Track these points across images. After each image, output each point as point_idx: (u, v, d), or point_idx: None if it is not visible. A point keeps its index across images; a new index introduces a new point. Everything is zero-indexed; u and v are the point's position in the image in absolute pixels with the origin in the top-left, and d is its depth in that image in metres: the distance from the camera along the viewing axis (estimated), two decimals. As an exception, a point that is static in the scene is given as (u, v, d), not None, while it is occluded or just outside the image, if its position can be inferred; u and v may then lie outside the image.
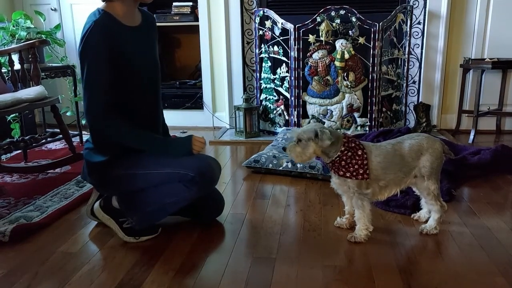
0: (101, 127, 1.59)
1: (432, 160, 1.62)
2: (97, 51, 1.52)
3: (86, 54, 1.52)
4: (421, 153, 1.63)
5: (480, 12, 3.25)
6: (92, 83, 1.54)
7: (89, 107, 1.55)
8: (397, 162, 1.62)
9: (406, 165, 1.63)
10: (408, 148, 1.63)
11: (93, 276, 1.45)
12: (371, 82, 3.08)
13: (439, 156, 1.65)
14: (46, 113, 2.99)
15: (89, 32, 1.51)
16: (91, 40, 1.51)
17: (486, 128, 3.43)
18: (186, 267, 1.50)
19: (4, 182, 2.39)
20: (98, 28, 1.51)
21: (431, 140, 1.66)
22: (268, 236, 1.73)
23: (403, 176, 1.65)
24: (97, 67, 1.53)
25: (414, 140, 1.65)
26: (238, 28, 3.48)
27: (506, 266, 1.47)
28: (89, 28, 1.51)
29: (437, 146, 1.65)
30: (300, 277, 1.42)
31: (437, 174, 1.66)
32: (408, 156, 1.63)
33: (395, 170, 1.62)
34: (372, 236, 1.69)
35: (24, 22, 3.18)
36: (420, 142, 1.64)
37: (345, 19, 3.05)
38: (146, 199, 1.66)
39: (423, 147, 1.63)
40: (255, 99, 3.51)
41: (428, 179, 1.64)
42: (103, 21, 1.54)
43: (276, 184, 2.31)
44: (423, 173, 1.64)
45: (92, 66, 1.52)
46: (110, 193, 1.76)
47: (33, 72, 2.53)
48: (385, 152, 1.62)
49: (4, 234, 1.68)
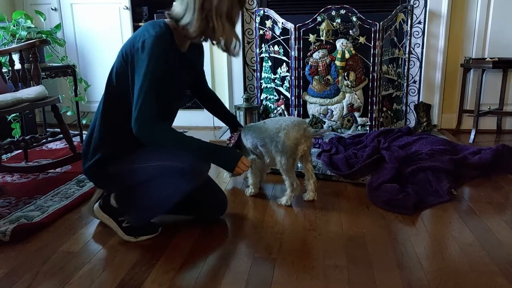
0: (149, 132, 1.54)
1: (284, 139, 1.92)
2: (162, 60, 1.51)
3: (150, 59, 1.49)
4: (278, 131, 1.95)
5: (481, 12, 3.25)
6: (151, 89, 1.50)
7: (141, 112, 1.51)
8: (263, 133, 2.00)
9: (269, 138, 1.97)
10: (273, 124, 1.99)
11: (94, 276, 1.45)
12: (372, 81, 3.08)
13: (291, 140, 1.92)
14: (47, 113, 2.99)
15: (157, 39, 1.50)
16: (158, 47, 1.50)
17: (487, 128, 3.43)
18: (187, 267, 1.50)
19: (5, 181, 2.39)
20: (166, 39, 1.53)
21: (291, 125, 1.94)
22: (269, 236, 1.73)
23: (273, 148, 1.98)
24: (158, 74, 1.51)
25: (280, 121, 1.98)
26: (238, 27, 3.48)
27: (506, 265, 1.47)
28: (157, 37, 1.50)
29: (293, 131, 1.93)
30: (300, 277, 1.42)
31: (288, 153, 1.93)
32: (270, 131, 1.97)
33: (261, 138, 2.01)
34: (373, 236, 1.69)
35: (25, 22, 3.18)
36: (281, 123, 1.96)
37: (345, 18, 3.05)
38: (140, 195, 1.66)
39: (281, 127, 1.95)
40: (256, 99, 3.51)
41: (278, 153, 1.96)
42: (168, 34, 1.55)
43: (277, 184, 2.31)
44: (278, 148, 1.95)
45: (153, 73, 1.50)
46: (107, 190, 1.77)
47: (33, 72, 2.53)
48: (256, 126, 2.06)
49: (4, 233, 1.68)
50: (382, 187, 2.10)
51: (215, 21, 1.53)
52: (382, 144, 2.59)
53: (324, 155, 2.54)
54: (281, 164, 1.96)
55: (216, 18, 1.53)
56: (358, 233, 1.73)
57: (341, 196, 2.14)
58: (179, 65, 1.65)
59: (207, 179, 1.89)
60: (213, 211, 1.87)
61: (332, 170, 2.39)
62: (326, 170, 2.41)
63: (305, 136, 1.95)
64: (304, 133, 1.94)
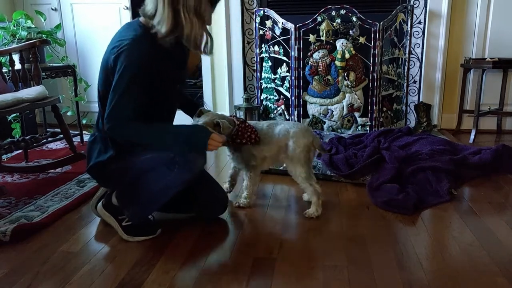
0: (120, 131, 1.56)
1: (294, 147, 1.85)
2: (138, 63, 1.51)
3: (126, 65, 1.50)
4: (287, 138, 1.87)
5: (481, 12, 3.25)
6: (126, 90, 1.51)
7: (113, 111, 1.52)
8: (268, 138, 1.88)
9: (274, 143, 1.88)
10: (278, 130, 1.89)
11: (94, 276, 1.45)
12: (372, 81, 3.08)
13: (302, 147, 1.85)
14: (47, 113, 2.99)
15: (132, 44, 1.51)
16: (133, 52, 1.50)
17: (487, 128, 3.43)
18: (187, 267, 1.50)
19: (5, 182, 2.39)
20: (140, 42, 1.53)
21: (300, 132, 1.87)
22: (269, 236, 1.73)
23: (275, 152, 1.90)
24: (136, 78, 1.51)
25: (286, 126, 1.90)
26: (238, 27, 3.48)
27: (507, 265, 1.47)
28: (133, 40, 1.51)
29: (302, 138, 1.86)
30: (300, 277, 1.42)
31: (302, 160, 1.86)
32: (276, 137, 1.88)
33: (266, 142, 1.89)
34: (373, 236, 1.69)
35: (25, 22, 3.18)
36: (288, 130, 1.88)
37: (345, 18, 3.05)
38: (138, 189, 1.66)
39: (289, 134, 1.87)
40: (256, 99, 3.51)
41: (292, 163, 1.88)
42: (144, 36, 1.55)
43: (277, 184, 2.31)
44: (288, 155, 1.87)
45: (131, 77, 1.50)
46: (109, 188, 1.78)
47: (33, 72, 2.53)
48: (260, 128, 1.90)
49: (5, 233, 1.68)
50: (382, 187, 2.11)
51: (183, 16, 1.53)
52: (382, 144, 2.59)
53: (324, 155, 2.54)
54: (298, 174, 1.88)
55: (184, 13, 1.53)
56: (358, 233, 1.73)
57: (341, 196, 2.14)
58: (167, 62, 1.63)
59: (207, 178, 1.90)
60: (213, 210, 1.87)
61: (332, 170, 2.39)
62: (326, 170, 2.41)
63: (314, 145, 1.89)
64: (313, 141, 1.88)
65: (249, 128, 1.86)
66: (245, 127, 1.85)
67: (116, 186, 1.74)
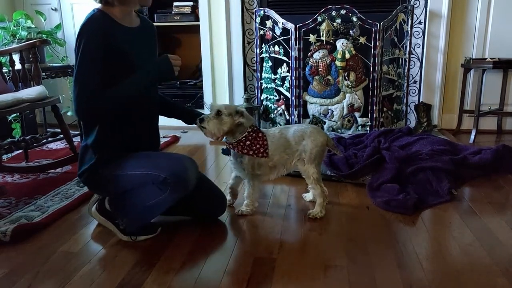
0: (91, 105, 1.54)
1: (312, 146, 1.82)
2: (92, 41, 1.52)
3: (80, 42, 1.52)
4: (303, 138, 1.83)
5: (481, 12, 3.25)
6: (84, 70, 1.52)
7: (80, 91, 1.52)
8: (282, 144, 1.83)
9: (290, 147, 1.84)
10: (292, 133, 1.85)
11: (94, 276, 1.45)
12: (372, 81, 3.08)
13: (319, 145, 1.83)
14: (47, 113, 2.99)
15: (84, 24, 1.54)
16: (86, 31, 1.53)
17: (487, 128, 3.43)
18: (187, 267, 1.50)
19: (5, 182, 2.39)
20: (94, 21, 1.55)
21: (315, 131, 1.86)
22: (269, 236, 1.73)
23: (287, 157, 1.85)
24: (90, 55, 1.52)
25: (300, 127, 1.87)
26: (238, 28, 3.48)
27: (507, 266, 1.47)
28: (85, 22, 1.55)
29: (319, 136, 1.84)
30: (300, 277, 1.42)
31: (317, 160, 1.85)
32: (292, 140, 1.83)
33: (280, 151, 1.83)
34: (373, 236, 1.69)
35: (25, 22, 3.18)
36: (304, 130, 1.85)
37: (346, 18, 3.05)
38: (129, 202, 1.66)
39: (306, 133, 1.84)
40: (256, 99, 3.51)
41: (307, 163, 1.84)
42: (100, 16, 1.58)
43: (277, 184, 2.31)
44: (303, 156, 1.84)
45: (85, 54, 1.51)
46: (100, 194, 1.78)
47: (34, 72, 2.53)
48: (273, 135, 1.84)
49: (5, 234, 1.68)
50: (383, 187, 2.11)
51: None
52: (382, 144, 2.59)
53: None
54: (310, 174, 1.85)
55: None
56: (358, 233, 1.73)
57: (341, 196, 2.14)
58: (130, 40, 1.63)
59: (205, 180, 1.89)
60: (212, 211, 1.87)
61: (332, 170, 2.38)
62: (326, 170, 2.40)
63: (328, 144, 1.88)
64: (327, 140, 1.88)
65: (260, 140, 1.79)
66: (256, 137, 1.79)
67: (108, 194, 1.74)
